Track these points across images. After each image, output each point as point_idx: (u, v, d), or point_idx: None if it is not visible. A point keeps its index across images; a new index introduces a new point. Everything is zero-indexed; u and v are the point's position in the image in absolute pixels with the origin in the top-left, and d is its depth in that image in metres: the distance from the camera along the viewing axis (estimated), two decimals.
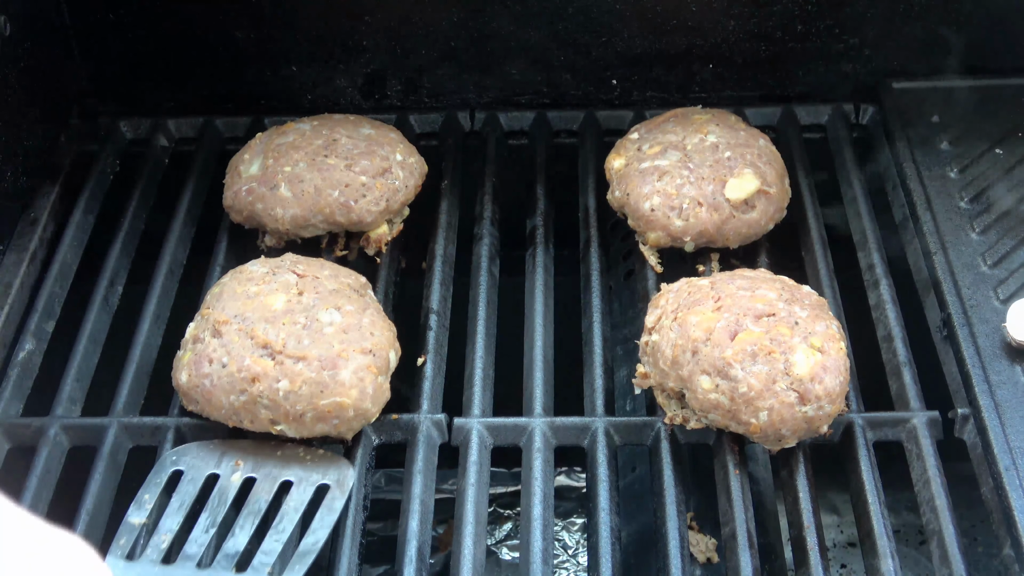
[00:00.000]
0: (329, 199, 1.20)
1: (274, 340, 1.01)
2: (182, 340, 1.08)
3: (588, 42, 1.40)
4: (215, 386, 1.01)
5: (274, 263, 1.11)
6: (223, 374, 1.01)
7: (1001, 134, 1.30)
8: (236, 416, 1.02)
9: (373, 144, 1.25)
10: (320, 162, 1.22)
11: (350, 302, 1.06)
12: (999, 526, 0.98)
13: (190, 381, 1.03)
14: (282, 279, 1.07)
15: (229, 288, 1.07)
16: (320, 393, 0.99)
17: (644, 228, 1.21)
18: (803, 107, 1.43)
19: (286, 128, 1.28)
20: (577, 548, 1.53)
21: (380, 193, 1.22)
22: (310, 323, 1.03)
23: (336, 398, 0.99)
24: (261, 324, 1.02)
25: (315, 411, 0.99)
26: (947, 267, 1.15)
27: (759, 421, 0.98)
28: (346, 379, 0.99)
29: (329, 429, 1.01)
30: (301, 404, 0.99)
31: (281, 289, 1.06)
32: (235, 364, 1.01)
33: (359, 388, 1.00)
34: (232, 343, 1.02)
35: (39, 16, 1.36)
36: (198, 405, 1.04)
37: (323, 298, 1.05)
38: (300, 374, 0.99)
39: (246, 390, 1.00)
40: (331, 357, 1.00)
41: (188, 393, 1.04)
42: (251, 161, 1.25)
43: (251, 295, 1.05)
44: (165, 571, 0.94)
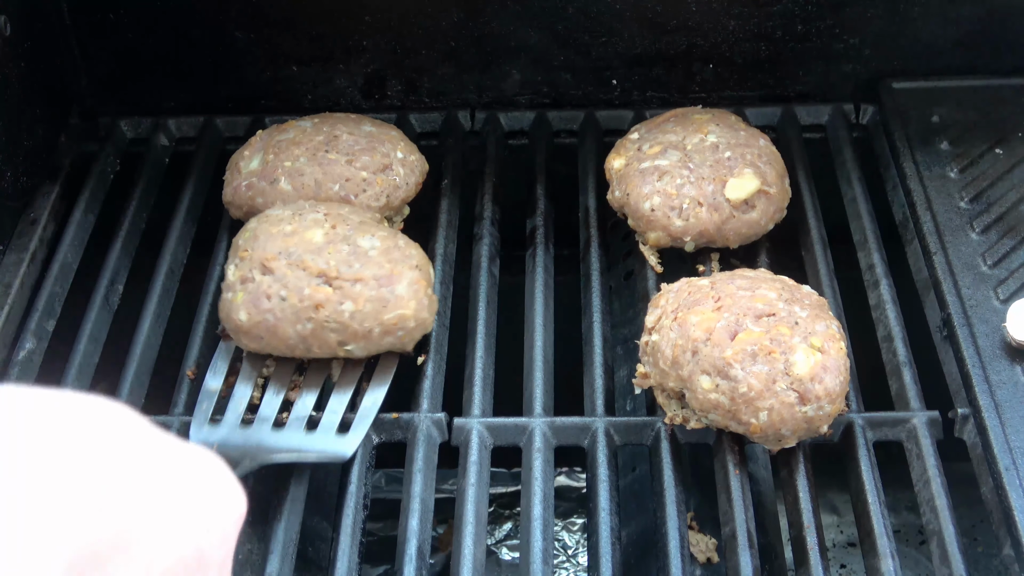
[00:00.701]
0: (329, 193, 1.20)
1: (327, 268, 1.05)
2: (223, 284, 1.10)
3: (588, 42, 1.40)
4: (279, 319, 1.05)
5: (293, 205, 1.15)
6: (285, 307, 1.04)
7: (1001, 134, 1.30)
8: (303, 344, 1.06)
9: (374, 141, 1.25)
10: (321, 157, 1.22)
11: (380, 229, 1.12)
12: (999, 526, 0.98)
13: (251, 319, 1.05)
14: (311, 217, 1.11)
15: (263, 230, 1.10)
16: (383, 308, 1.04)
17: (644, 228, 1.21)
18: (803, 107, 1.43)
19: (287, 125, 1.28)
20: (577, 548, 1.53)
21: (380, 188, 1.22)
22: (354, 249, 1.07)
23: (399, 311, 1.05)
24: (309, 256, 1.06)
25: (381, 326, 1.05)
26: (947, 267, 1.15)
27: (759, 421, 0.98)
28: (403, 293, 1.05)
29: (395, 341, 1.06)
30: (368, 321, 1.04)
31: (315, 225, 1.10)
32: (295, 296, 1.04)
33: (416, 299, 1.06)
34: (286, 277, 1.05)
35: (39, 16, 1.36)
36: (261, 341, 1.06)
37: (356, 228, 1.10)
38: (361, 294, 1.04)
39: (312, 318, 1.04)
40: (385, 275, 1.06)
41: (250, 331, 1.06)
42: (251, 157, 1.25)
43: (288, 233, 1.09)
44: (245, 432, 1.05)
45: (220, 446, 1.04)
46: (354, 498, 1.02)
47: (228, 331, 1.10)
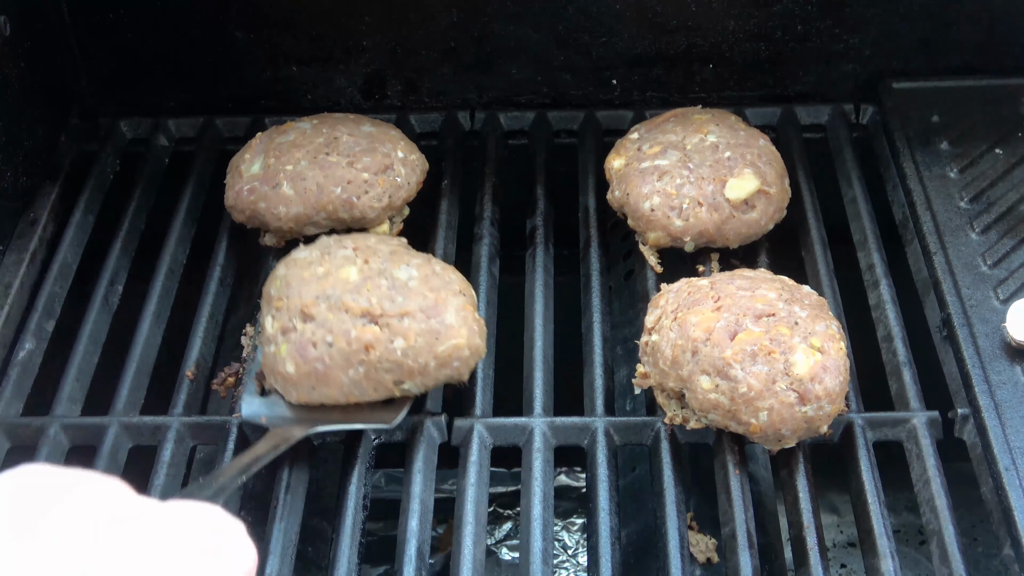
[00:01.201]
0: (331, 196, 1.20)
1: (370, 306, 1.01)
2: (261, 338, 1.06)
3: (588, 42, 1.40)
4: (329, 366, 1.00)
5: (319, 245, 1.10)
6: (333, 353, 1.00)
7: (1001, 134, 1.30)
8: (357, 389, 1.01)
9: (374, 141, 1.25)
10: (322, 160, 1.22)
11: (413, 256, 1.08)
12: (999, 526, 0.98)
13: (300, 370, 1.01)
14: (341, 254, 1.07)
15: (294, 276, 1.06)
16: (436, 340, 1.00)
17: (644, 228, 1.21)
18: (803, 107, 1.43)
19: (286, 127, 1.28)
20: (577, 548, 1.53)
21: (382, 189, 1.22)
22: (393, 283, 1.03)
23: (452, 341, 1.01)
24: (349, 296, 1.02)
25: (436, 359, 1.00)
26: (947, 267, 1.15)
27: (759, 421, 0.98)
28: (453, 321, 1.01)
29: (451, 373, 1.03)
30: (423, 356, 1.00)
31: (347, 262, 1.06)
32: (342, 340, 1.00)
33: (467, 326, 1.02)
34: (329, 321, 1.01)
35: (39, 16, 1.36)
36: (312, 391, 1.02)
37: (388, 259, 1.06)
38: (411, 328, 1.00)
39: (363, 360, 1.00)
40: (432, 305, 1.01)
41: (299, 382, 1.01)
42: (252, 160, 1.25)
43: (321, 275, 1.05)
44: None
45: (269, 418, 1.04)
46: (354, 498, 1.02)
47: (274, 386, 1.05)
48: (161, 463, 1.06)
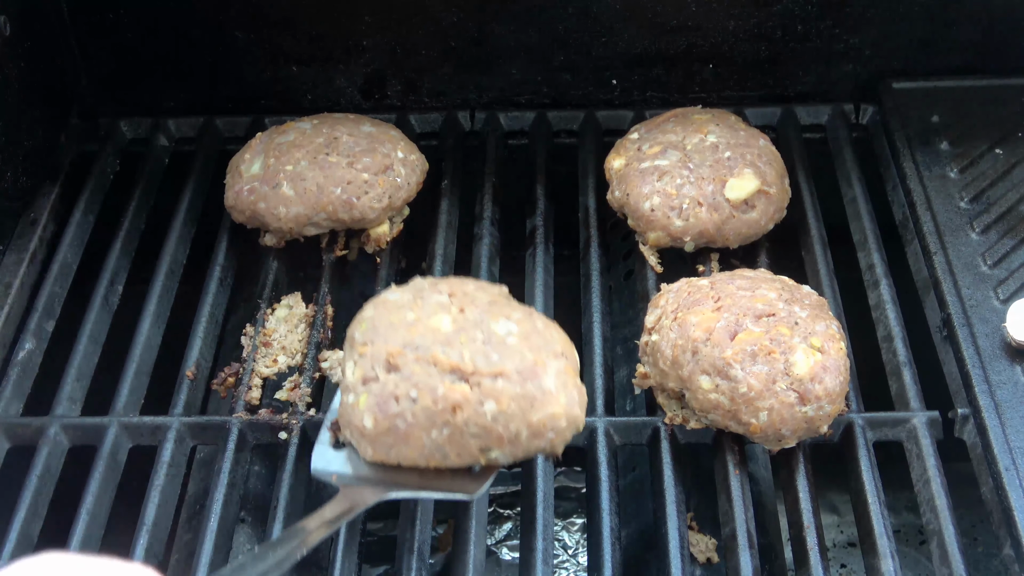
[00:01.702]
0: (332, 196, 1.20)
1: (461, 361, 0.90)
2: (341, 385, 0.96)
3: (588, 42, 1.40)
4: (412, 425, 0.90)
5: (412, 288, 1.00)
6: (417, 410, 0.89)
7: (1001, 134, 1.30)
8: (440, 452, 0.91)
9: (374, 141, 1.25)
10: (322, 160, 1.22)
11: (513, 309, 0.98)
12: (999, 526, 0.98)
13: (378, 426, 0.90)
14: (434, 300, 0.97)
15: (382, 319, 0.96)
16: (531, 407, 0.89)
17: (644, 228, 1.21)
18: (803, 107, 1.43)
19: (286, 127, 1.28)
20: (577, 548, 1.53)
21: (382, 190, 1.22)
22: (489, 337, 0.93)
23: (548, 409, 0.90)
24: (439, 347, 0.91)
25: (529, 428, 0.90)
26: (947, 267, 1.15)
27: (759, 421, 0.98)
28: (551, 387, 0.90)
29: (544, 444, 0.91)
30: (515, 423, 0.89)
31: (440, 310, 0.95)
32: (428, 396, 0.89)
33: (566, 394, 0.91)
34: (415, 374, 0.90)
35: (39, 16, 1.36)
36: (391, 450, 0.91)
37: (486, 310, 0.96)
38: (504, 391, 0.89)
39: (448, 421, 0.89)
40: (529, 367, 0.90)
41: (377, 438, 0.91)
42: (252, 161, 1.25)
43: (411, 322, 0.94)
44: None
45: (340, 477, 0.94)
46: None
47: (349, 439, 0.95)
48: (161, 463, 1.06)
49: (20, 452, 1.09)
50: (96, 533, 1.02)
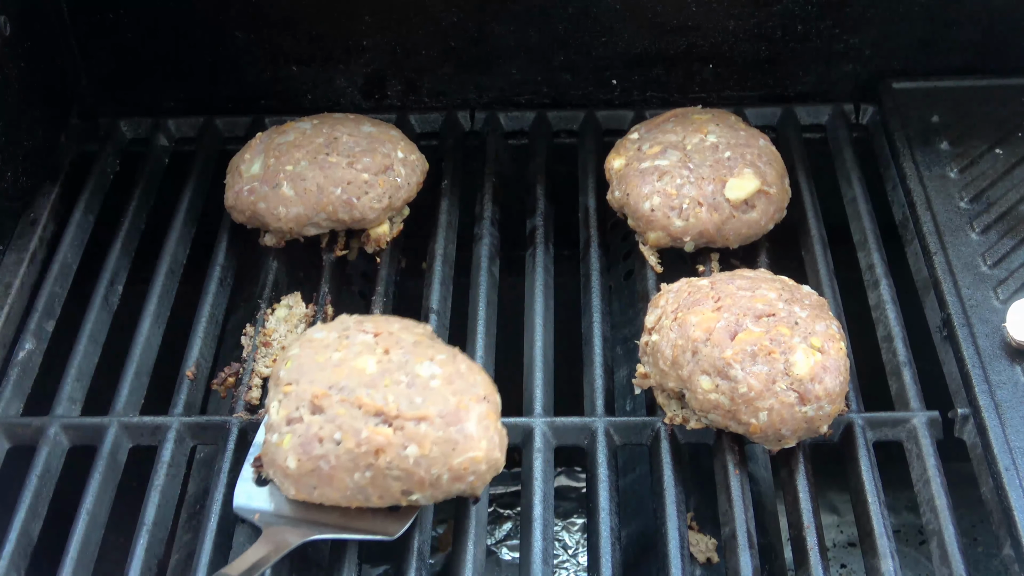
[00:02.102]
0: (332, 197, 1.20)
1: (385, 405, 0.92)
2: (264, 423, 0.98)
3: (588, 42, 1.40)
4: (335, 467, 0.91)
5: (337, 326, 1.02)
6: (340, 452, 0.91)
7: (1001, 134, 1.30)
8: (362, 493, 0.93)
9: (374, 142, 1.25)
10: (322, 160, 1.22)
11: (437, 351, 0.99)
12: (999, 526, 0.98)
13: (302, 467, 0.92)
14: (360, 340, 0.98)
15: (307, 358, 0.97)
16: (452, 451, 0.91)
17: (644, 228, 1.21)
18: (803, 107, 1.43)
19: (286, 127, 1.28)
20: (577, 548, 1.54)
21: (383, 190, 1.22)
22: (412, 380, 0.94)
23: (469, 453, 0.91)
24: (364, 390, 0.93)
25: (451, 472, 0.91)
26: (947, 267, 1.15)
27: (759, 421, 0.98)
28: (473, 431, 0.92)
29: (464, 487, 0.93)
30: (436, 467, 0.91)
31: (365, 351, 0.97)
32: (351, 439, 0.91)
33: (487, 438, 0.93)
34: (339, 416, 0.92)
35: (39, 16, 1.36)
36: (313, 491, 0.93)
37: (411, 351, 0.97)
38: (427, 436, 0.91)
39: (371, 464, 0.91)
40: (452, 411, 0.92)
41: (300, 480, 0.93)
42: (252, 161, 1.25)
43: (336, 362, 0.96)
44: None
45: (262, 515, 0.96)
46: None
47: (272, 477, 0.96)
48: (161, 463, 1.06)
49: (20, 452, 1.09)
50: (96, 533, 1.02)
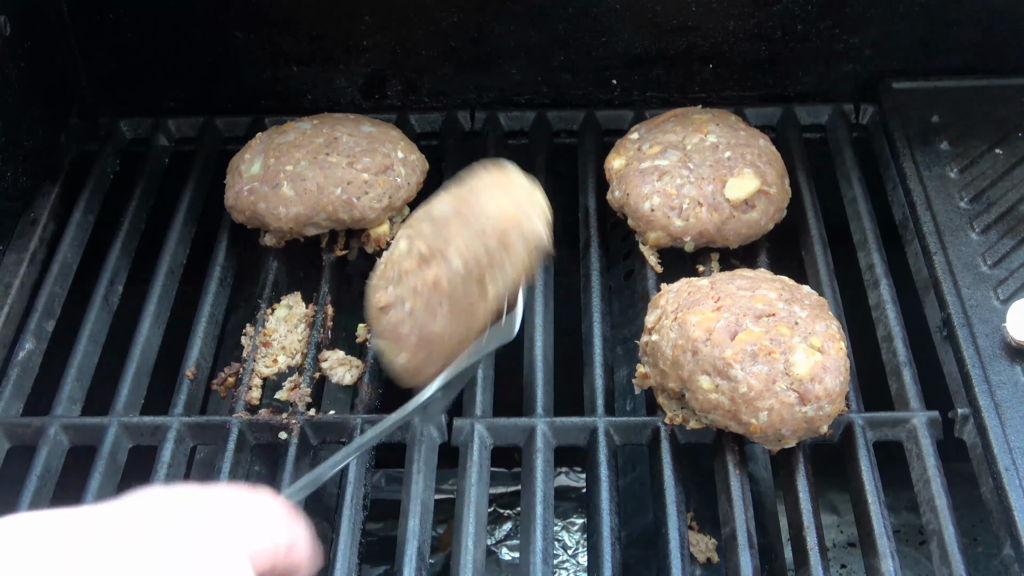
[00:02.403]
0: (332, 197, 1.20)
1: (422, 251, 0.98)
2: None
3: (588, 42, 1.40)
4: (419, 326, 0.97)
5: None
6: (416, 312, 0.98)
7: (1001, 134, 1.30)
8: (456, 322, 0.97)
9: (374, 142, 1.25)
10: (322, 160, 1.22)
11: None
12: (999, 526, 0.98)
13: (406, 352, 0.98)
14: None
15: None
16: (481, 222, 0.95)
17: (644, 228, 1.21)
18: (803, 107, 1.43)
19: (286, 127, 1.28)
20: (577, 548, 1.53)
21: (383, 190, 1.22)
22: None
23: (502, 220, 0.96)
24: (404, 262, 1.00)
25: (499, 237, 0.94)
26: (947, 267, 1.15)
27: (759, 421, 0.98)
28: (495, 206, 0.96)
29: (518, 250, 0.95)
30: (476, 244, 0.94)
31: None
32: (413, 298, 0.97)
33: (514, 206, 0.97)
34: (401, 291, 1.00)
35: (39, 16, 1.36)
36: (427, 361, 0.97)
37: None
38: (455, 235, 0.96)
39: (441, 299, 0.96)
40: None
41: (413, 358, 0.98)
42: (252, 161, 1.25)
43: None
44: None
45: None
46: (353, 498, 1.02)
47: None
48: (161, 463, 1.06)
49: (20, 452, 1.09)
50: None
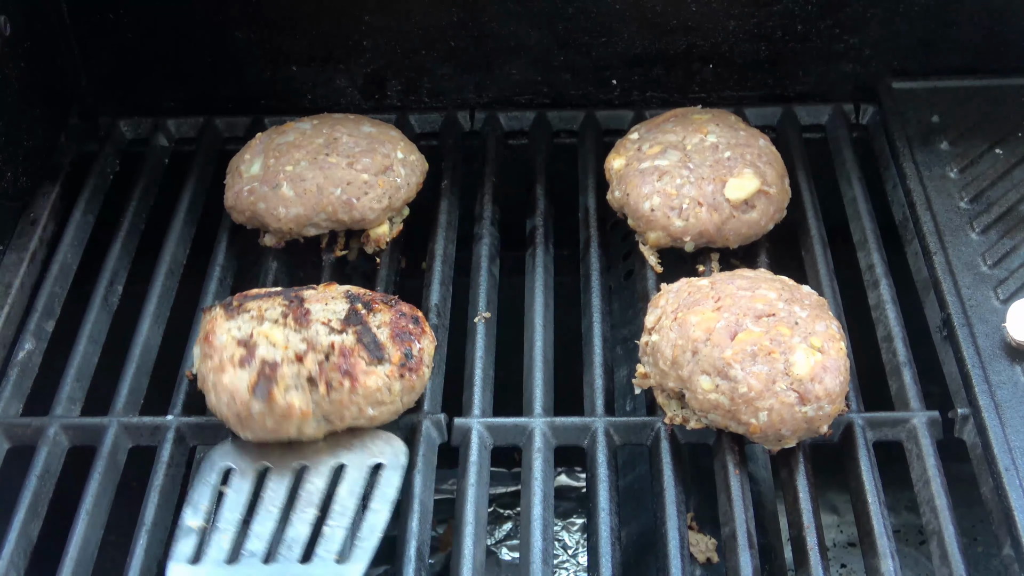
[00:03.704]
0: (331, 197, 1.20)
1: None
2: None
3: (588, 42, 1.40)
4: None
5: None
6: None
7: (1001, 134, 1.30)
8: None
9: (374, 142, 1.25)
10: (322, 160, 1.22)
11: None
12: (999, 526, 0.98)
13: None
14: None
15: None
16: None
17: (644, 228, 1.21)
18: (803, 107, 1.43)
19: (286, 128, 1.28)
20: (577, 548, 1.54)
21: (382, 190, 1.22)
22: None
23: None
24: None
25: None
26: (947, 267, 1.15)
27: (759, 421, 0.98)
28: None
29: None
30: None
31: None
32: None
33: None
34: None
35: (39, 16, 1.36)
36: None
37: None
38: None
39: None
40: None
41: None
42: (252, 161, 1.25)
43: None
44: (231, 571, 0.93)
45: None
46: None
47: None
48: (160, 463, 1.06)
49: (20, 452, 1.09)
50: (96, 533, 1.02)
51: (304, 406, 0.97)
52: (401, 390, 1.01)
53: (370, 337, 1.00)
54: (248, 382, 0.97)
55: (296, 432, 0.99)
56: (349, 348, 0.99)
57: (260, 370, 0.97)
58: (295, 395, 0.98)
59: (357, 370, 0.98)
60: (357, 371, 0.98)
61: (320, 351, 0.99)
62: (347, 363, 0.98)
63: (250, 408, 0.98)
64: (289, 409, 0.97)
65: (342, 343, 1.00)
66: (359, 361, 0.99)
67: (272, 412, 0.97)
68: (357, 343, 1.00)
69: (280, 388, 0.97)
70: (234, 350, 0.99)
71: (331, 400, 0.98)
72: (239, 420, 0.99)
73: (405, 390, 1.02)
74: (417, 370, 1.02)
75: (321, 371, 0.98)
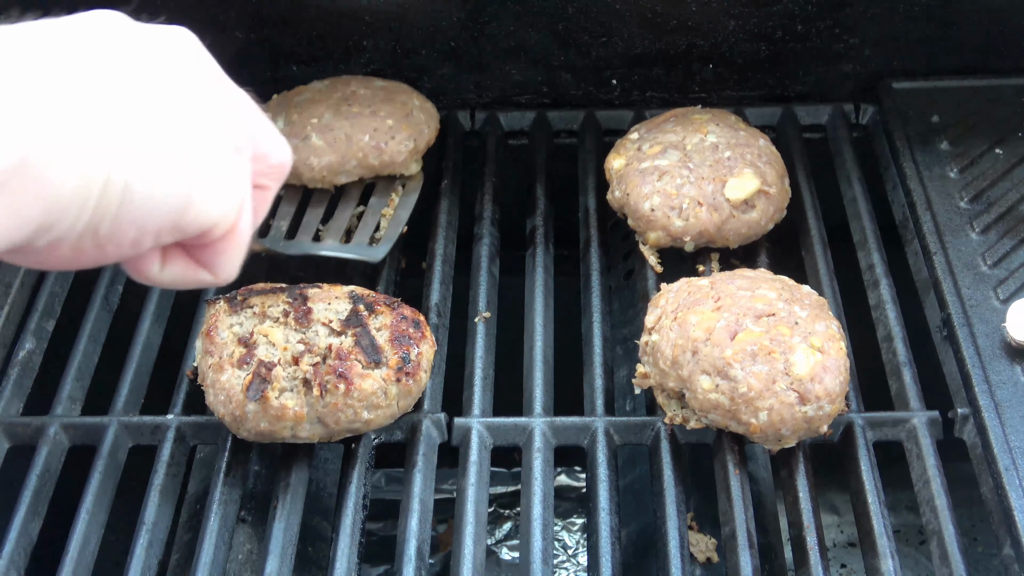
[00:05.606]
0: (361, 143, 1.24)
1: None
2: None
3: (588, 42, 1.40)
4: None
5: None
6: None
7: (1001, 134, 1.30)
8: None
9: (390, 92, 1.31)
10: (345, 111, 1.27)
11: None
12: (999, 526, 0.98)
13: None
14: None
15: None
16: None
17: (644, 228, 1.21)
18: (803, 107, 1.43)
19: (300, 89, 1.33)
20: (577, 548, 1.53)
21: (408, 133, 1.27)
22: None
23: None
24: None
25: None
26: (947, 267, 1.15)
27: (759, 421, 0.98)
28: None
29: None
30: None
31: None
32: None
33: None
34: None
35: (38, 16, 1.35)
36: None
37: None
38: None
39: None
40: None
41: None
42: (275, 119, 1.28)
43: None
44: (288, 244, 1.20)
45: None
46: (354, 498, 1.02)
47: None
48: (161, 463, 1.06)
49: (20, 452, 1.09)
50: (96, 533, 1.02)
51: (298, 408, 0.98)
52: (397, 394, 1.01)
53: (368, 340, 1.01)
54: (244, 382, 0.98)
55: (291, 434, 1.00)
56: (346, 351, 0.99)
57: (256, 371, 0.98)
58: (289, 397, 0.98)
59: (352, 373, 0.99)
60: (352, 374, 0.99)
61: (317, 353, 0.99)
62: (343, 366, 0.98)
63: (245, 408, 0.98)
64: (283, 411, 0.97)
65: (339, 345, 1.00)
66: (355, 364, 0.99)
67: (266, 413, 0.98)
68: (355, 346, 1.00)
69: (274, 390, 0.97)
70: (234, 348, 1.00)
71: (325, 403, 0.98)
72: (235, 420, 1.00)
73: (401, 394, 1.02)
74: (414, 375, 1.02)
75: (316, 373, 0.98)
